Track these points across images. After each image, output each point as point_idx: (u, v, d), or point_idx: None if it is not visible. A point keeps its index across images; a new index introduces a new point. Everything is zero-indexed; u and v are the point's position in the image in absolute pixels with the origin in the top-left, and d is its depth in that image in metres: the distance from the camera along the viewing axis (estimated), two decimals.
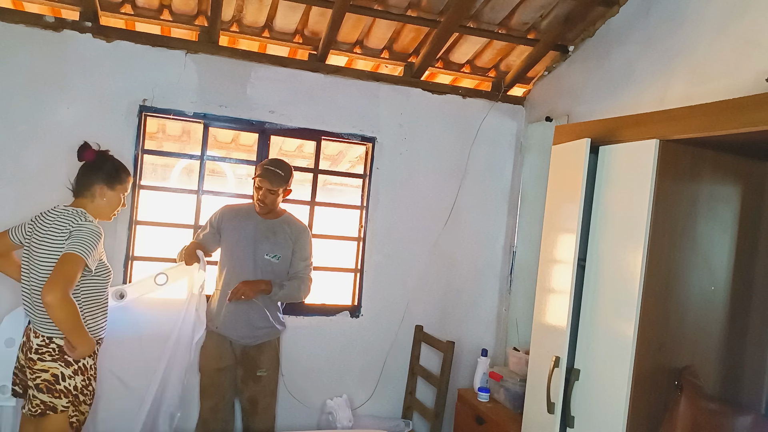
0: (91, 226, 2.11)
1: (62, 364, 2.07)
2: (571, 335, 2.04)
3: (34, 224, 2.20)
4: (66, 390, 2.07)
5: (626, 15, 2.72)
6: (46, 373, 2.06)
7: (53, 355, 2.07)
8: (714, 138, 1.71)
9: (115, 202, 2.31)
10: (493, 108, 3.45)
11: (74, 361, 2.08)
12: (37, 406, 2.05)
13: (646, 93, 2.50)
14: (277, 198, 2.69)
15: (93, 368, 2.16)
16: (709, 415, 1.79)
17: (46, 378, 2.05)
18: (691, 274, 1.91)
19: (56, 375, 2.06)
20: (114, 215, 2.35)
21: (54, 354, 2.07)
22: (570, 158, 2.13)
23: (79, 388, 2.09)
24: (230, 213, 2.79)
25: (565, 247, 2.09)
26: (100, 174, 2.23)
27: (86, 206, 2.22)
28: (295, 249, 2.76)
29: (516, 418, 2.65)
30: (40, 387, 2.05)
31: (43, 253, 2.10)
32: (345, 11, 2.72)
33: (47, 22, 2.69)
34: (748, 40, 2.06)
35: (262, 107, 3.03)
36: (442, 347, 3.00)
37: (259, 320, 2.70)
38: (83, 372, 2.11)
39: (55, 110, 2.72)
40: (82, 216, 2.14)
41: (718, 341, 1.96)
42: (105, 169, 2.25)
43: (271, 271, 2.70)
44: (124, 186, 2.32)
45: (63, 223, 2.11)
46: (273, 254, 2.70)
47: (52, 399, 2.05)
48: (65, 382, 2.07)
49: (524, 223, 3.32)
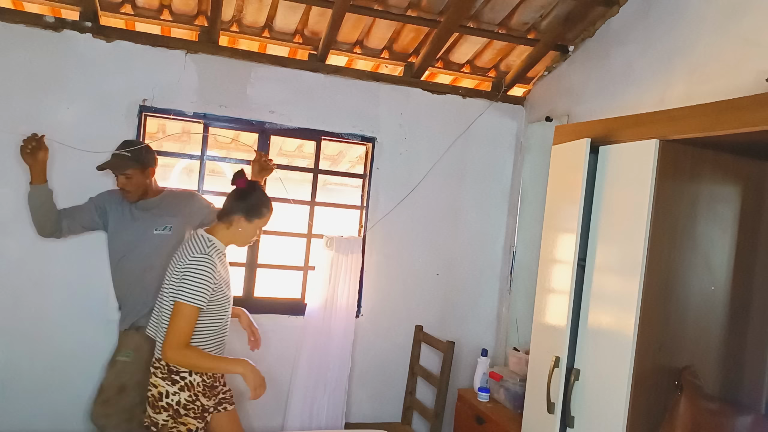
0: (203, 263, 2.07)
1: (168, 382, 2.12)
2: (571, 335, 2.04)
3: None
4: (167, 405, 2.11)
5: (626, 15, 2.72)
6: (155, 388, 2.13)
7: (163, 373, 2.12)
8: (714, 138, 1.71)
9: (250, 235, 2.27)
10: (493, 108, 3.45)
11: (180, 378, 2.12)
12: (147, 418, 2.16)
13: (646, 93, 2.50)
14: (137, 180, 2.56)
15: (201, 385, 2.16)
16: (709, 415, 1.79)
17: (153, 393, 2.13)
18: (691, 274, 1.91)
19: (161, 392, 2.12)
20: (248, 244, 2.34)
21: (163, 372, 2.12)
22: (570, 158, 2.13)
23: (182, 403, 2.12)
24: (114, 198, 2.66)
25: (565, 247, 2.09)
26: (243, 205, 2.22)
27: (220, 232, 2.22)
28: (191, 211, 2.67)
29: (516, 418, 2.65)
30: (149, 401, 2.15)
31: (168, 278, 2.16)
32: (345, 11, 2.72)
33: (47, 22, 2.69)
34: (748, 40, 2.06)
35: (262, 107, 3.03)
36: (441, 347, 3.00)
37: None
38: (189, 388, 2.13)
39: (55, 110, 2.72)
40: (203, 245, 2.13)
41: (718, 341, 1.96)
42: (248, 200, 2.23)
43: (167, 244, 2.56)
44: (263, 221, 2.29)
45: (185, 250, 2.15)
46: (162, 227, 2.59)
47: (155, 414, 2.12)
48: (167, 399, 2.11)
49: (524, 223, 3.32)
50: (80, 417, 2.81)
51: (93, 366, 2.81)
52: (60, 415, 2.79)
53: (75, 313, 2.79)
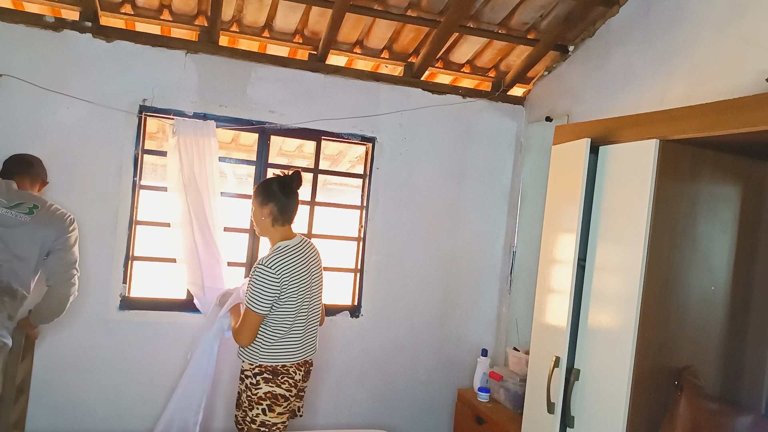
0: (261, 270, 2.17)
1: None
2: (571, 335, 2.04)
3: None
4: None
5: (626, 15, 2.72)
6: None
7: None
8: (714, 138, 1.71)
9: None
10: (493, 108, 3.46)
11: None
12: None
13: (646, 93, 2.50)
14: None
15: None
16: (709, 415, 1.79)
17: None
18: (691, 274, 1.91)
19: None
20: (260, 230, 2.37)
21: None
22: (570, 158, 2.13)
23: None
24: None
25: (565, 247, 2.09)
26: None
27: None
28: (53, 232, 2.40)
29: (516, 418, 2.65)
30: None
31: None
32: (345, 11, 2.72)
33: (47, 22, 2.68)
34: (748, 40, 2.06)
35: (262, 107, 3.03)
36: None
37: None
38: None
39: (55, 110, 2.72)
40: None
41: (718, 341, 1.96)
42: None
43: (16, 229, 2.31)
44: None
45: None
46: (24, 212, 2.34)
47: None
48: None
49: (524, 223, 3.32)
50: (81, 417, 2.82)
51: (93, 366, 2.81)
52: (60, 415, 2.80)
53: (75, 313, 2.79)
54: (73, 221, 2.44)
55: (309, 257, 2.32)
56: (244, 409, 2.25)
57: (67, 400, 2.80)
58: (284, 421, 2.27)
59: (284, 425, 2.28)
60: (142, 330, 2.89)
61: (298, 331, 2.26)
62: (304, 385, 2.41)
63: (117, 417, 2.88)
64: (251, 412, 2.22)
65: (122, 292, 2.86)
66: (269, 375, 2.21)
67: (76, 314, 2.78)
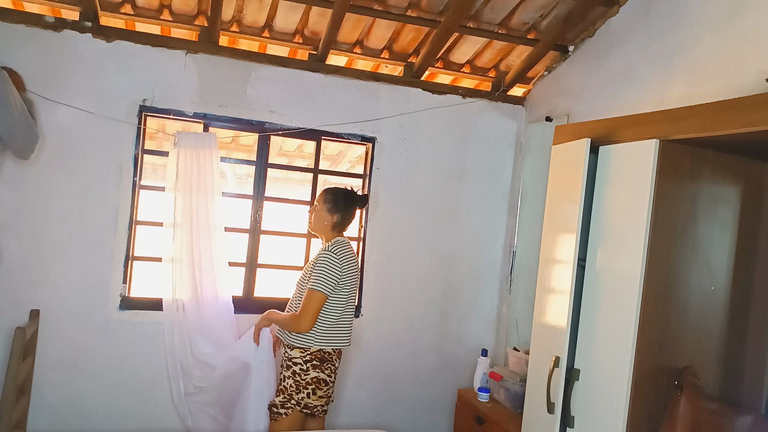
0: (327, 255, 2.48)
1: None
2: (571, 335, 2.04)
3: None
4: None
5: (626, 15, 2.72)
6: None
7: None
8: (714, 138, 1.71)
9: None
10: (493, 108, 3.46)
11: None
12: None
13: (646, 93, 2.50)
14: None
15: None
16: (709, 415, 1.79)
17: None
18: (691, 274, 1.91)
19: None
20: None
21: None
22: (570, 158, 2.13)
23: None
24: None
25: (565, 247, 2.09)
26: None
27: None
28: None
29: (516, 418, 2.65)
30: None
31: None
32: (345, 11, 2.72)
33: (47, 22, 2.68)
34: (748, 40, 2.06)
35: (262, 107, 3.03)
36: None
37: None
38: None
39: (55, 110, 2.72)
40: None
41: (718, 341, 1.96)
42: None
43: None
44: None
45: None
46: None
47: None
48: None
49: (524, 223, 3.32)
50: (81, 417, 2.82)
51: (93, 366, 2.82)
52: (61, 415, 2.80)
53: (75, 313, 2.79)
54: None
55: (354, 254, 2.62)
56: (290, 393, 2.47)
57: (67, 400, 2.80)
58: (323, 405, 2.50)
59: (323, 408, 2.51)
60: (142, 330, 2.89)
61: (347, 318, 2.55)
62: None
63: (117, 417, 2.88)
64: (297, 396, 2.46)
65: (122, 292, 2.86)
66: (317, 362, 2.47)
67: (76, 314, 2.79)
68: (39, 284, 2.73)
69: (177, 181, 2.81)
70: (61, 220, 2.75)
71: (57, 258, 2.75)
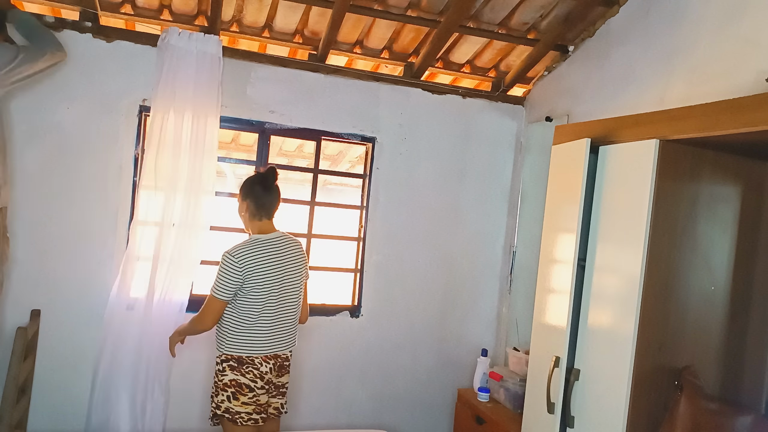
0: (226, 257, 2.29)
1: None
2: (571, 335, 2.04)
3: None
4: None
5: (626, 15, 2.72)
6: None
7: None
8: (714, 138, 1.71)
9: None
10: (493, 108, 3.46)
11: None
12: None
13: (646, 93, 2.50)
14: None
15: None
16: (709, 415, 1.79)
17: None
18: (691, 274, 1.91)
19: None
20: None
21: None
22: (570, 158, 2.13)
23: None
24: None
25: (565, 247, 2.09)
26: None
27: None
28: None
29: (516, 418, 2.65)
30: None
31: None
32: (345, 11, 2.72)
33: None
34: (748, 40, 2.06)
35: (262, 107, 3.03)
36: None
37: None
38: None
39: (55, 110, 2.72)
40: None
41: (718, 341, 1.96)
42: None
43: None
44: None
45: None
46: None
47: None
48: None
49: (524, 223, 3.32)
50: (80, 417, 2.82)
51: (93, 366, 2.81)
52: (60, 415, 2.80)
53: (75, 313, 2.79)
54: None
55: (284, 253, 2.39)
56: (212, 395, 2.35)
57: (67, 400, 2.80)
58: (249, 413, 2.30)
59: (250, 417, 2.30)
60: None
61: (265, 324, 2.33)
62: (281, 381, 2.44)
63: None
64: (217, 398, 2.32)
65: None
66: (234, 363, 2.31)
67: (76, 314, 2.79)
68: (39, 284, 2.73)
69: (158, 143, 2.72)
70: (61, 220, 2.75)
71: (57, 258, 2.75)
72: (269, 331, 2.35)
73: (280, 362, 2.41)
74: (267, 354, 2.34)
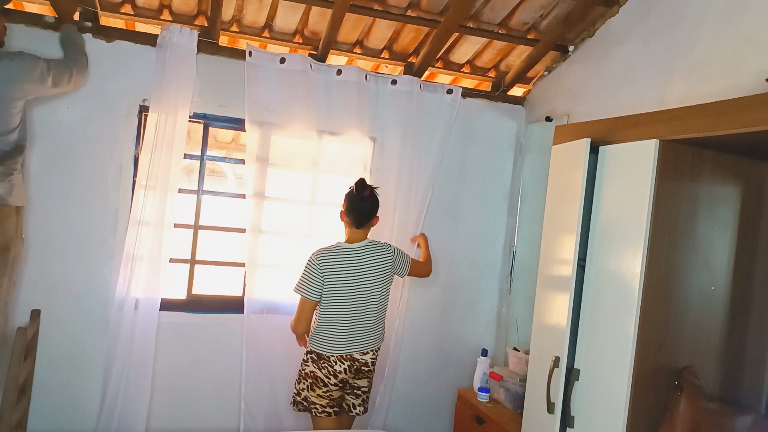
0: (309, 258, 2.55)
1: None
2: (571, 335, 2.04)
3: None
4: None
5: (626, 15, 2.72)
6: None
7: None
8: (714, 138, 1.71)
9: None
10: (493, 108, 3.45)
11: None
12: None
13: (646, 93, 2.50)
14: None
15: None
16: (709, 415, 1.79)
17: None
18: (691, 274, 1.91)
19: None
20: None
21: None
22: (570, 158, 2.13)
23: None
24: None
25: (565, 247, 2.09)
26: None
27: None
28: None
29: (516, 418, 2.65)
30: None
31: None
32: (345, 11, 2.72)
33: (47, 22, 2.68)
34: (748, 40, 2.06)
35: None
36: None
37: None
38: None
39: (55, 110, 2.72)
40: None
41: (718, 341, 1.96)
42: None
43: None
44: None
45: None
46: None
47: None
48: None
49: (524, 223, 3.32)
50: (80, 417, 2.82)
51: (93, 366, 2.82)
52: (60, 415, 2.80)
53: (75, 313, 2.79)
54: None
55: (364, 262, 2.57)
56: (295, 381, 2.62)
57: (67, 400, 2.80)
58: (323, 405, 2.53)
59: (324, 409, 2.53)
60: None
61: (340, 327, 2.53)
62: (357, 384, 2.62)
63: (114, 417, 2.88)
64: (298, 385, 2.59)
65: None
66: (315, 357, 2.55)
67: (76, 314, 2.79)
68: (39, 284, 2.73)
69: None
70: (61, 220, 2.75)
71: (57, 258, 2.75)
72: (344, 334, 2.53)
73: (357, 366, 2.57)
74: (342, 354, 2.52)
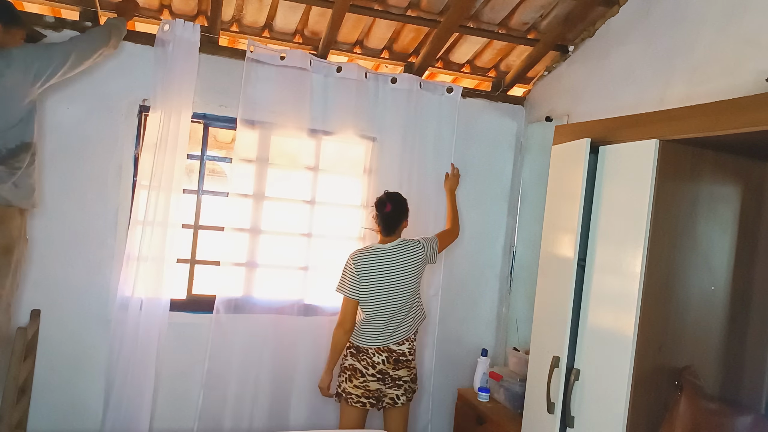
0: (348, 259, 2.74)
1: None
2: (571, 335, 2.04)
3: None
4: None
5: (626, 15, 2.72)
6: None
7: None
8: (714, 138, 1.71)
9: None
10: (493, 108, 3.45)
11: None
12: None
13: (646, 93, 2.50)
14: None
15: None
16: (709, 415, 1.79)
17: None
18: (691, 274, 1.91)
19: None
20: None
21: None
22: (570, 158, 2.13)
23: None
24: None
25: (565, 247, 2.10)
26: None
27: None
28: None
29: (516, 418, 2.65)
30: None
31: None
32: (345, 11, 2.72)
33: (47, 22, 2.68)
34: (748, 40, 2.06)
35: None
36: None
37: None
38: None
39: (55, 110, 2.72)
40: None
41: (718, 341, 1.96)
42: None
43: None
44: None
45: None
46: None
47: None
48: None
49: (524, 223, 3.32)
50: (80, 417, 2.82)
51: (93, 366, 2.82)
52: (60, 415, 2.80)
53: (75, 313, 2.79)
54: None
55: (397, 259, 2.71)
56: (339, 374, 2.76)
57: (67, 400, 2.80)
58: (359, 395, 2.65)
59: (359, 399, 2.65)
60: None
61: (378, 321, 2.67)
62: (398, 374, 2.69)
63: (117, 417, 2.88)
64: (339, 378, 2.74)
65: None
66: (354, 351, 2.70)
67: (76, 314, 2.79)
68: (39, 284, 2.73)
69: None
70: (61, 220, 2.75)
71: (57, 258, 2.75)
72: (381, 328, 2.67)
73: (395, 356, 2.69)
74: (380, 346, 2.66)
